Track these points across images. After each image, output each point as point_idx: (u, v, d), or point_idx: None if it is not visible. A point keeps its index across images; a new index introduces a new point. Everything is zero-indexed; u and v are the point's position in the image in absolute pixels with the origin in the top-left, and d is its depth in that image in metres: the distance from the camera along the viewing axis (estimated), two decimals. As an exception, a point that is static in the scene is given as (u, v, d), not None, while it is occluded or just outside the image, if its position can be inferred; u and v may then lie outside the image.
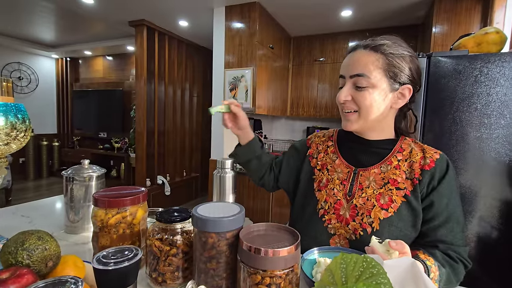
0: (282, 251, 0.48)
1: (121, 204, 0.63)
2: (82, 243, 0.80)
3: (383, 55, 0.67)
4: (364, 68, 0.66)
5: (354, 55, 0.70)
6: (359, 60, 0.68)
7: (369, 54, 0.68)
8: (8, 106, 0.57)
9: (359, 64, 0.67)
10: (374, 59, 0.67)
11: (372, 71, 0.66)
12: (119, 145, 4.48)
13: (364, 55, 0.68)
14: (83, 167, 0.88)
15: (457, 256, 0.65)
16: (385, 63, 0.67)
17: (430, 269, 0.59)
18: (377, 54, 0.67)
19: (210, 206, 0.61)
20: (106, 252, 0.39)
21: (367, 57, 0.67)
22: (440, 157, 0.69)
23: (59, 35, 4.14)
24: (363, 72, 0.66)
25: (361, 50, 0.69)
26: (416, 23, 2.92)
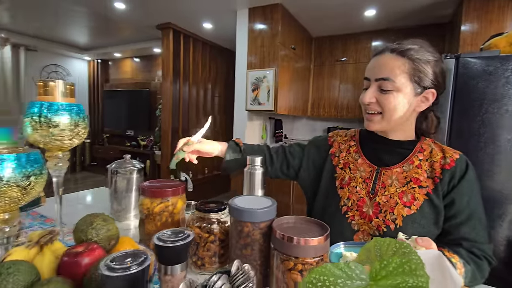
0: (313, 241, 0.53)
1: (164, 195, 0.70)
2: (125, 229, 0.88)
3: (410, 60, 0.68)
4: (390, 72, 0.68)
5: (380, 59, 0.72)
6: (386, 64, 0.70)
7: (396, 59, 0.69)
8: (71, 106, 0.65)
9: (385, 68, 0.69)
10: (400, 64, 0.68)
11: (398, 76, 0.68)
12: (145, 142, 4.68)
13: (391, 59, 0.70)
14: (125, 162, 0.96)
15: (482, 254, 0.66)
16: (411, 68, 0.68)
17: (455, 266, 0.61)
18: (404, 59, 0.69)
19: (245, 198, 0.66)
20: (163, 232, 0.45)
21: (394, 61, 0.69)
22: (459, 157, 0.71)
23: (92, 39, 4.40)
24: (388, 76, 0.68)
25: (388, 54, 0.71)
26: (443, 22, 2.83)
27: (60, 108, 0.62)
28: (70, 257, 0.45)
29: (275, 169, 0.93)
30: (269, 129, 3.33)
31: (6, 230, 0.51)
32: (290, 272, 0.53)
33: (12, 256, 0.46)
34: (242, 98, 2.87)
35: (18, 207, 0.52)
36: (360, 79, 3.23)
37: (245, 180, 0.85)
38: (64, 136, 0.62)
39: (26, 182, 0.49)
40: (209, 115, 0.93)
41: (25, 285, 0.40)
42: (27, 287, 0.40)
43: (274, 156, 0.93)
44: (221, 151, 0.92)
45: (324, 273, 0.25)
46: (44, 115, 0.60)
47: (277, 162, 0.93)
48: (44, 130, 0.60)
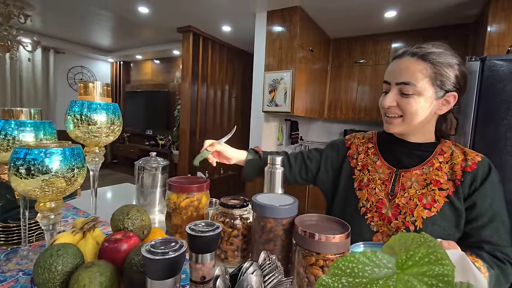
0: (334, 238, 0.55)
1: (190, 190, 0.74)
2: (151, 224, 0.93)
3: (431, 64, 0.68)
4: (411, 77, 0.68)
5: (400, 62, 0.72)
6: (407, 68, 0.69)
7: (417, 63, 0.69)
8: (108, 105, 0.71)
9: (406, 72, 0.69)
10: (422, 68, 0.68)
11: (419, 80, 0.68)
12: (163, 142, 4.82)
13: (412, 63, 0.69)
14: (151, 159, 1.02)
15: (505, 257, 0.65)
16: (433, 72, 0.68)
17: (479, 270, 0.60)
18: (425, 63, 0.68)
19: (267, 196, 0.69)
20: (195, 223, 0.48)
21: (415, 65, 0.69)
22: (482, 159, 0.71)
23: (115, 41, 4.59)
24: (409, 81, 0.68)
25: (408, 58, 0.71)
26: (466, 22, 2.74)
27: (98, 107, 0.67)
28: (110, 243, 0.49)
29: (293, 174, 0.94)
30: (285, 130, 3.34)
31: (51, 217, 0.56)
32: (312, 267, 0.55)
33: (59, 240, 0.50)
34: (259, 100, 2.90)
35: (62, 197, 0.57)
36: (378, 82, 3.18)
37: (266, 179, 0.87)
38: (101, 133, 0.67)
39: (70, 174, 0.54)
40: (235, 125, 0.98)
41: (72, 266, 0.44)
42: (73, 268, 0.45)
43: (292, 162, 0.94)
44: (240, 159, 0.95)
45: (352, 261, 0.27)
46: (85, 113, 0.65)
47: (296, 167, 0.94)
48: (84, 127, 0.65)
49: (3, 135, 0.62)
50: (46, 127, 0.67)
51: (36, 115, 0.67)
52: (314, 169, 0.93)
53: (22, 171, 0.49)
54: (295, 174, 0.94)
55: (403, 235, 0.34)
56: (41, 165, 0.50)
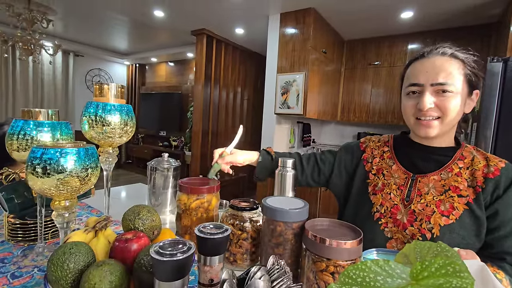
0: (346, 244, 0.53)
1: (200, 192, 0.74)
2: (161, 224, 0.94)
3: (462, 62, 0.67)
4: (448, 76, 0.66)
5: (433, 62, 0.68)
6: (442, 68, 0.67)
7: (450, 61, 0.67)
8: (121, 107, 0.72)
9: (443, 71, 0.66)
10: (457, 66, 0.67)
11: (456, 78, 0.66)
12: (176, 143, 4.89)
13: (446, 61, 0.67)
14: (163, 160, 1.03)
15: None
16: (466, 70, 0.67)
17: (501, 283, 0.57)
18: (457, 61, 0.67)
19: (277, 199, 0.68)
20: (204, 225, 0.48)
21: (450, 64, 0.67)
22: (506, 165, 0.67)
23: (131, 45, 4.71)
24: (447, 81, 0.66)
25: (440, 57, 0.68)
26: (487, 23, 2.64)
27: (113, 109, 0.69)
28: (121, 242, 0.49)
29: (305, 176, 0.93)
30: (297, 133, 3.32)
31: (65, 215, 0.57)
32: (322, 273, 0.54)
33: (72, 239, 0.52)
34: (271, 102, 2.90)
35: (76, 196, 0.58)
36: (394, 84, 3.11)
37: (276, 182, 0.86)
38: (115, 134, 0.69)
39: (84, 174, 0.55)
40: (240, 124, 0.97)
41: (84, 264, 0.45)
42: (85, 266, 0.45)
43: (305, 164, 0.93)
44: (252, 160, 0.95)
45: (363, 270, 0.26)
46: (99, 114, 0.67)
47: (308, 169, 0.93)
48: (99, 127, 0.67)
49: (22, 135, 0.65)
50: (63, 127, 0.69)
51: (54, 116, 0.69)
52: (327, 172, 0.92)
53: (38, 170, 0.51)
54: (307, 176, 0.93)
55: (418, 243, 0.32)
56: (57, 165, 0.52)
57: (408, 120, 0.74)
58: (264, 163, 0.94)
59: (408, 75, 0.73)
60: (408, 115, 0.73)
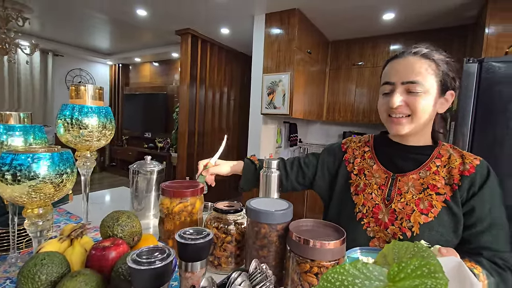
0: (329, 244, 0.53)
1: (183, 195, 0.72)
2: (145, 228, 0.91)
3: (434, 62, 0.69)
4: (418, 75, 0.68)
5: (404, 62, 0.70)
6: (412, 67, 0.69)
7: (422, 61, 0.69)
8: (99, 109, 0.69)
9: (412, 71, 0.68)
10: (427, 66, 0.68)
11: (426, 77, 0.68)
12: (162, 144, 4.81)
13: (417, 61, 0.69)
14: (146, 162, 1.00)
15: (504, 263, 0.63)
16: (437, 70, 0.69)
17: (478, 278, 0.59)
18: (429, 61, 0.69)
19: (262, 200, 0.67)
20: (185, 230, 0.47)
21: (420, 63, 0.69)
22: (480, 163, 0.69)
23: (114, 44, 4.59)
24: (417, 79, 0.68)
25: (410, 57, 0.70)
26: (465, 24, 2.74)
27: (90, 111, 0.66)
28: (98, 251, 0.47)
29: (290, 181, 0.94)
30: (283, 133, 3.33)
31: (39, 223, 0.55)
32: (306, 274, 0.54)
33: (45, 248, 0.49)
34: (258, 102, 2.90)
35: (51, 203, 0.56)
36: (377, 84, 3.17)
37: (261, 183, 0.86)
38: (93, 137, 0.66)
39: (59, 180, 0.52)
40: (225, 135, 0.98)
41: (57, 275, 0.43)
42: (58, 277, 0.43)
43: (289, 169, 0.94)
44: (237, 171, 0.97)
45: (342, 273, 0.26)
46: (75, 117, 0.64)
47: (292, 174, 0.94)
48: (75, 131, 0.64)
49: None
50: (36, 131, 0.66)
51: (26, 119, 0.66)
52: (311, 175, 0.93)
53: (7, 177, 0.48)
54: (292, 181, 0.94)
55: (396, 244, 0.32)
56: (28, 171, 0.49)
57: (382, 118, 0.76)
58: (247, 173, 0.96)
59: (383, 75, 0.76)
60: (381, 112, 0.75)
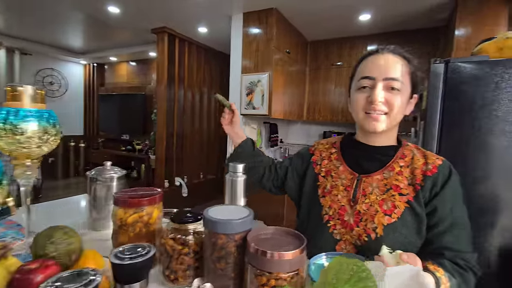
0: (287, 254, 0.50)
1: (139, 204, 0.67)
2: (104, 240, 0.85)
3: (409, 63, 0.70)
4: (398, 73, 0.68)
5: (385, 58, 0.70)
6: (393, 64, 0.68)
7: (399, 60, 0.69)
8: (40, 112, 0.63)
9: (394, 68, 0.68)
10: (405, 66, 0.69)
11: (404, 77, 0.68)
12: (140, 147, 4.65)
13: (396, 60, 0.69)
14: (105, 168, 0.94)
15: (465, 264, 0.63)
16: (410, 71, 0.70)
17: (440, 280, 0.58)
18: (405, 61, 0.70)
19: (221, 208, 0.63)
20: (122, 248, 0.42)
21: (399, 62, 0.69)
22: (443, 163, 0.69)
23: (88, 43, 4.39)
24: (398, 76, 0.68)
25: (389, 55, 0.70)
26: (437, 26, 2.83)
27: (28, 115, 0.60)
28: (22, 274, 0.42)
29: (267, 181, 0.96)
30: (264, 133, 3.31)
31: (-38, 243, 0.48)
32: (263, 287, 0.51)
33: (-38, 273, 0.43)
34: (237, 103, 2.85)
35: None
36: (355, 83, 3.21)
37: (227, 188, 0.82)
38: (32, 144, 0.60)
39: (-19, 193, 0.46)
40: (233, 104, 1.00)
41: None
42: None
43: (267, 171, 0.96)
44: (243, 135, 0.99)
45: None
46: (10, 121, 0.58)
47: (270, 176, 0.96)
48: (9, 137, 0.57)
49: None
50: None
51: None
52: (283, 176, 0.93)
53: None
54: (268, 181, 0.96)
55: (339, 260, 0.30)
56: None
57: (357, 115, 0.74)
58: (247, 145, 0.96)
59: (360, 70, 0.74)
60: (357, 109, 0.72)
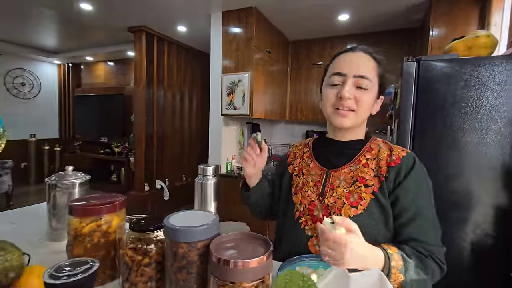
0: (252, 262, 0.47)
1: (96, 213, 0.62)
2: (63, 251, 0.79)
3: (378, 63, 0.72)
4: (368, 71, 0.69)
5: (357, 56, 0.71)
6: (364, 63, 0.70)
7: (370, 60, 0.71)
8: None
9: (364, 66, 0.70)
10: (374, 66, 0.71)
11: (373, 77, 0.70)
12: (120, 149, 4.49)
13: (367, 59, 0.71)
14: (66, 174, 0.87)
15: (427, 252, 0.62)
16: (379, 73, 0.72)
17: (391, 257, 0.58)
18: (375, 62, 0.72)
19: (185, 214, 0.60)
20: (61, 264, 0.38)
21: (369, 62, 0.71)
22: (407, 154, 0.70)
23: (61, 42, 4.20)
24: (367, 75, 0.69)
25: (362, 53, 0.72)
26: (414, 26, 2.90)
27: (-37, 117, 0.53)
28: None
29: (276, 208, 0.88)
30: (246, 134, 3.27)
31: None
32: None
33: None
34: (217, 103, 2.81)
35: None
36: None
37: (196, 192, 0.78)
38: (-32, 149, 0.53)
39: None
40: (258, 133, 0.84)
41: None
42: None
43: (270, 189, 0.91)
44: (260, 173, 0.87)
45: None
46: None
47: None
48: None
49: None
50: None
51: None
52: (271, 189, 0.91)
53: None
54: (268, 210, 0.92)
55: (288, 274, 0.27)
56: None
57: (326, 110, 0.74)
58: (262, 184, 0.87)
59: (333, 66, 0.75)
60: (327, 105, 0.73)
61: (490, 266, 1.06)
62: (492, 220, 1.06)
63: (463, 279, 1.08)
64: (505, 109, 1.00)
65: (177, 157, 3.84)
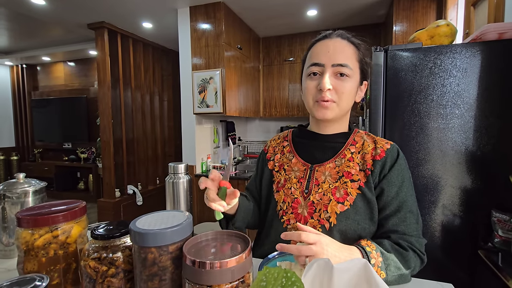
0: (230, 261, 0.44)
1: (51, 222, 0.55)
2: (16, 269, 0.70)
3: (357, 49, 0.69)
4: (347, 59, 0.66)
5: (334, 43, 0.67)
6: (342, 50, 0.66)
7: (349, 45, 0.68)
8: None
9: (343, 54, 0.66)
10: (353, 51, 0.68)
11: (353, 63, 0.67)
12: (86, 155, 4.22)
13: (345, 45, 0.67)
14: (17, 182, 0.78)
15: (408, 245, 0.62)
16: (360, 57, 0.69)
17: (369, 254, 0.57)
18: (354, 47, 0.68)
19: (154, 216, 0.55)
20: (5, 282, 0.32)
21: (348, 47, 0.67)
22: (390, 146, 0.69)
23: (13, 41, 3.83)
24: (347, 63, 0.66)
25: (339, 39, 0.68)
26: (377, 22, 3.02)
27: None
28: None
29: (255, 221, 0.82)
30: (221, 132, 3.21)
31: None
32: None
33: None
34: (189, 101, 2.72)
35: None
36: (307, 78, 3.28)
37: (167, 192, 0.73)
38: None
39: None
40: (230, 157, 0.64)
41: None
42: None
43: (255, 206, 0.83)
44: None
45: None
46: None
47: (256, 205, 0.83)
48: None
49: None
50: None
51: None
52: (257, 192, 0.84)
53: None
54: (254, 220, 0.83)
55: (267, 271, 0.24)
56: None
57: (307, 103, 0.71)
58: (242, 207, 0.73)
59: (310, 56, 0.71)
60: (308, 97, 0.70)
61: (459, 245, 1.12)
62: (459, 202, 1.12)
63: (436, 258, 1.13)
64: (466, 95, 1.05)
65: (150, 160, 3.67)
